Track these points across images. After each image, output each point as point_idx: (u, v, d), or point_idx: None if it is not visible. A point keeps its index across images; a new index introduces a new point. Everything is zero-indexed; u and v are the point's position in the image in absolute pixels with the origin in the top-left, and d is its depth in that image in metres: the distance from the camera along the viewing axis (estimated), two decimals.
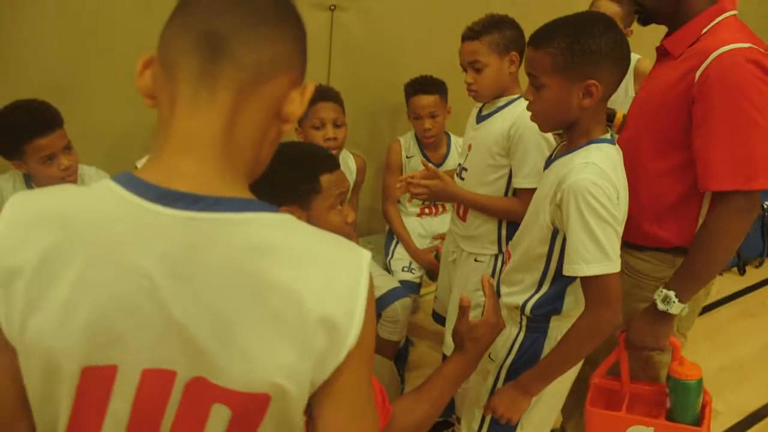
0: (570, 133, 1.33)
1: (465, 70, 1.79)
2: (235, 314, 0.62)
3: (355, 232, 2.30)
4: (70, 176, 1.79)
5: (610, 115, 1.85)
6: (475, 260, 1.90)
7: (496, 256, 1.87)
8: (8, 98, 1.73)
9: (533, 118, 1.34)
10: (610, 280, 1.24)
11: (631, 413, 1.49)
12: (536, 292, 1.40)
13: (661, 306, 1.43)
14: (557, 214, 1.28)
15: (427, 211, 2.55)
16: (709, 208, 1.46)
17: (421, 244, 2.47)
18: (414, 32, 2.62)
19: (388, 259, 2.48)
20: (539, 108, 1.31)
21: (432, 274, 2.39)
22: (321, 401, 0.66)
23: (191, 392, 0.64)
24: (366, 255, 0.69)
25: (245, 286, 0.62)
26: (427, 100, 2.33)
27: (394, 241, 2.51)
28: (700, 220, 1.47)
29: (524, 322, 1.44)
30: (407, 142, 2.51)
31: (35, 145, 1.70)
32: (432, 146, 2.47)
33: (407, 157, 2.49)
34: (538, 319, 1.41)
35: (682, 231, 1.50)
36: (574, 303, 1.39)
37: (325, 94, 2.08)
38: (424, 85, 2.35)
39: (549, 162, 1.41)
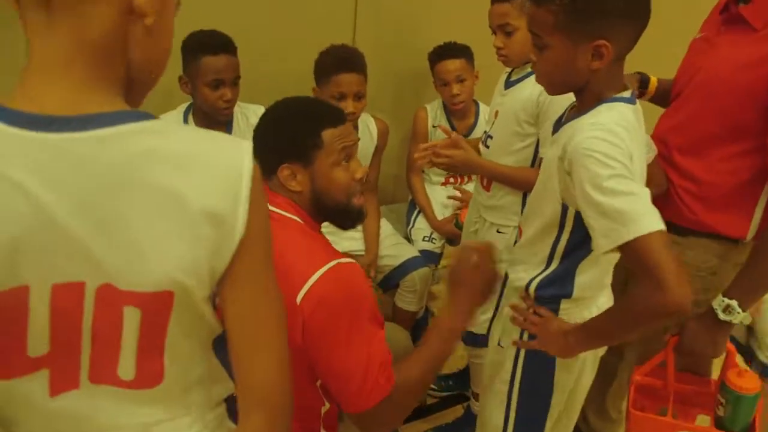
0: (580, 96, 1.21)
1: (494, 33, 1.71)
2: (123, 220, 0.65)
3: (375, 196, 2.27)
4: (226, 110, 1.87)
5: (644, 81, 1.71)
6: (498, 231, 1.84)
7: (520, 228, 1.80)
8: None
9: (538, 80, 1.23)
10: (650, 243, 0.99)
11: (676, 416, 1.41)
12: (544, 269, 1.27)
13: (722, 316, 1.32)
14: (569, 184, 1.12)
15: (452, 180, 2.48)
16: (765, 214, 1.37)
17: (443, 213, 2.41)
18: None
19: (409, 228, 2.43)
20: (543, 69, 1.19)
21: (454, 242, 2.35)
22: (224, 288, 0.71)
23: (102, 299, 0.67)
24: (246, 146, 0.71)
25: (129, 192, 0.65)
26: (453, 65, 2.25)
27: (416, 211, 2.46)
28: (757, 214, 1.38)
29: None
30: (434, 111, 2.43)
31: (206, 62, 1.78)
32: (460, 114, 2.40)
33: (433, 126, 2.41)
34: (546, 301, 1.29)
35: (734, 222, 1.41)
36: (588, 285, 1.25)
37: (348, 63, 1.98)
38: (448, 50, 2.27)
39: (557, 126, 1.28)
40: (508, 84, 1.77)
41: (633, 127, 1.14)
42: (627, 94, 1.17)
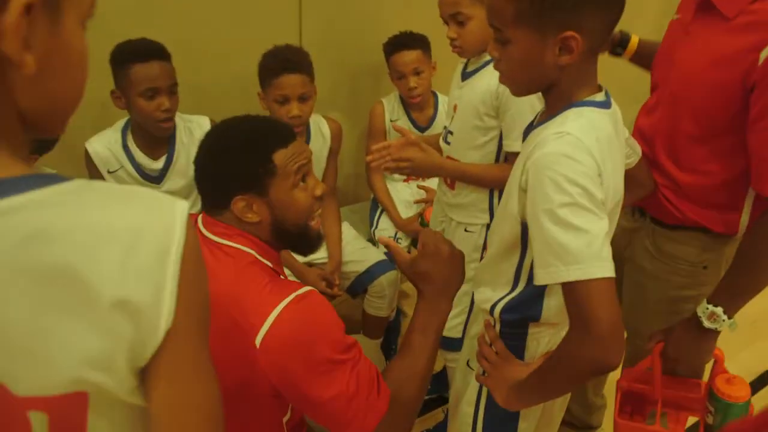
0: (548, 97, 1.07)
1: (446, 23, 1.61)
2: (20, 321, 0.54)
3: (335, 200, 2.17)
4: (166, 122, 1.73)
5: (624, 39, 1.59)
6: (465, 230, 1.75)
7: (488, 226, 1.72)
8: None
9: (501, 80, 1.09)
10: (591, 291, 0.89)
11: (665, 422, 1.34)
12: (510, 291, 1.14)
13: (707, 324, 1.25)
14: (525, 201, 1.00)
15: (414, 177, 2.38)
16: (753, 210, 1.30)
17: (408, 211, 2.32)
18: None
19: (372, 229, 2.33)
20: (506, 67, 1.05)
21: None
22: (148, 383, 0.59)
23: (2, 403, 0.57)
24: (180, 209, 0.58)
25: (25, 286, 0.53)
26: (409, 56, 2.15)
27: (379, 210, 2.36)
28: (746, 208, 1.30)
29: (498, 327, 1.20)
30: (390, 104, 2.33)
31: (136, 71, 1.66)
32: (418, 107, 2.30)
33: (391, 120, 2.31)
34: (513, 325, 1.17)
35: (722, 218, 1.33)
36: (559, 308, 1.08)
37: (289, 64, 1.86)
38: (404, 41, 2.17)
39: (526, 132, 1.16)
40: (465, 75, 1.68)
41: (606, 136, 1.00)
42: (600, 96, 1.04)
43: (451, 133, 1.70)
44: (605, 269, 0.89)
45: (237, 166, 1.10)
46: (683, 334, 1.30)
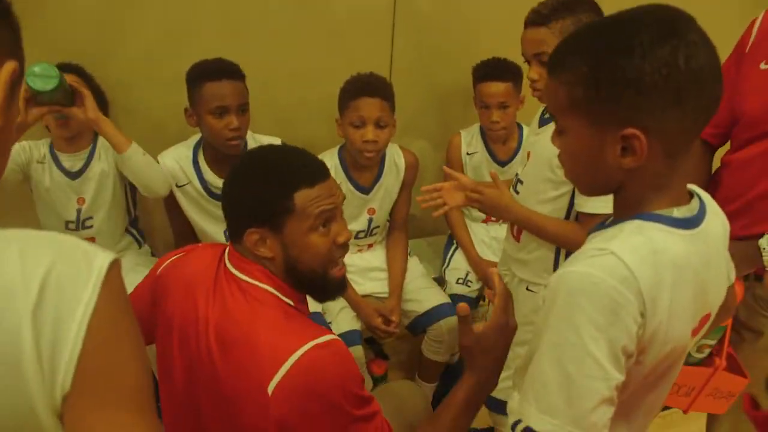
0: (616, 199, 0.86)
1: (528, 62, 1.47)
2: None
3: (404, 235, 2.10)
4: (234, 140, 1.74)
5: None
6: (527, 289, 1.60)
7: None
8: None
9: (566, 176, 0.90)
10: None
11: None
12: None
13: None
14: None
15: (494, 217, 2.24)
16: None
17: (483, 253, 2.18)
18: (492, 7, 2.27)
19: (444, 267, 2.21)
20: (564, 160, 0.87)
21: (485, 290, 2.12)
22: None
23: None
24: (98, 267, 0.55)
25: None
26: (497, 88, 2.01)
27: (453, 247, 2.24)
28: None
29: None
30: (469, 136, 2.20)
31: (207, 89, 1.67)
32: (500, 140, 2.15)
33: (468, 153, 2.18)
34: None
35: None
36: None
37: (368, 87, 1.80)
38: (494, 70, 2.02)
39: (591, 231, 0.93)
40: (542, 122, 1.53)
41: (673, 262, 0.77)
42: (681, 211, 0.81)
43: (522, 182, 1.55)
44: None
45: (255, 197, 1.05)
46: None
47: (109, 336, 0.56)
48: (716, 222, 0.87)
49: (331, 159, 1.95)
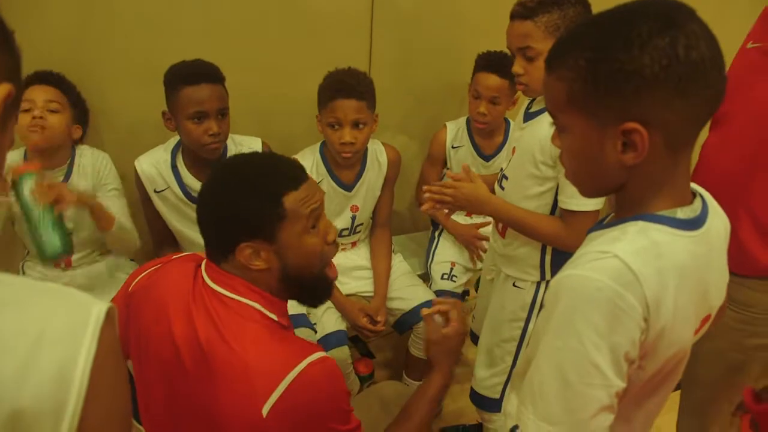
0: (618, 198, 0.84)
1: (512, 55, 1.45)
2: None
3: (387, 232, 2.08)
4: (214, 144, 1.67)
5: None
6: (514, 285, 1.59)
7: (539, 284, 1.55)
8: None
9: (566, 177, 0.89)
10: None
11: None
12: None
13: None
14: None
15: (473, 213, 2.22)
16: None
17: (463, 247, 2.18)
18: (472, 2, 2.25)
19: (429, 263, 2.20)
20: (565, 160, 0.84)
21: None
22: None
23: None
24: (95, 315, 0.54)
25: None
26: (493, 81, 1.98)
27: (436, 242, 2.23)
28: None
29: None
30: (455, 129, 2.18)
31: (185, 94, 1.61)
32: (485, 134, 2.14)
33: (453, 146, 2.16)
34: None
35: None
36: None
37: (344, 87, 1.75)
38: (495, 63, 1.99)
39: (590, 231, 0.89)
40: (527, 116, 1.51)
41: (677, 267, 0.75)
42: (685, 212, 0.79)
43: (506, 177, 1.54)
44: None
45: (244, 210, 1.01)
46: None
47: (111, 384, 0.56)
48: (718, 222, 0.85)
49: (312, 155, 1.91)
